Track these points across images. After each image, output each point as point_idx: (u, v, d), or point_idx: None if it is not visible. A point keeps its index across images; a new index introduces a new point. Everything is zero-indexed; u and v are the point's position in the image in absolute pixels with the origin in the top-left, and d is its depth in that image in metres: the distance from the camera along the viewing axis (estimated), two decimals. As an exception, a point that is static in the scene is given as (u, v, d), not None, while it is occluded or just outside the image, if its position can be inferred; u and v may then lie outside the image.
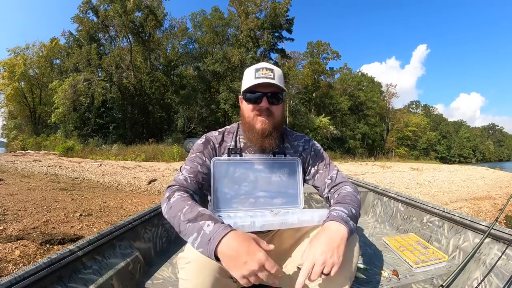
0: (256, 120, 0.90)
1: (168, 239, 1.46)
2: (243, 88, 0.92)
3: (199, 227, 0.65)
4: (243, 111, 0.94)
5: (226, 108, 19.91)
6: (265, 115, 0.89)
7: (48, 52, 21.83)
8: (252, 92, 0.89)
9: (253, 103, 0.89)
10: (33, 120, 21.91)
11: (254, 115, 0.90)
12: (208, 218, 0.66)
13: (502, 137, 73.67)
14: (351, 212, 0.78)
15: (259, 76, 0.88)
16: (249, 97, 0.90)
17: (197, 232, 0.65)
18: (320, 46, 29.94)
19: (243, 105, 0.94)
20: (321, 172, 1.00)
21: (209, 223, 0.65)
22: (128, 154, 12.82)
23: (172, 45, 23.42)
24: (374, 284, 1.11)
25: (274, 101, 0.89)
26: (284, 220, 0.76)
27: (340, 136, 25.43)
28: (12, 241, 2.35)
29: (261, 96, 0.88)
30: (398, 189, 6.72)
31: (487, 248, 1.13)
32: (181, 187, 0.82)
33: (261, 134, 0.89)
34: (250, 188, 0.93)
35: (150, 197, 5.11)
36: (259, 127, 0.89)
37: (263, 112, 0.89)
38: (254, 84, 0.87)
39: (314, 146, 1.04)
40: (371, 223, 1.93)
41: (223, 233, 0.61)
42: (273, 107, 0.90)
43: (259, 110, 0.89)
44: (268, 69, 0.89)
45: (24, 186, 5.02)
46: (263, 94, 0.88)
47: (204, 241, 0.63)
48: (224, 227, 0.63)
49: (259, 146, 0.93)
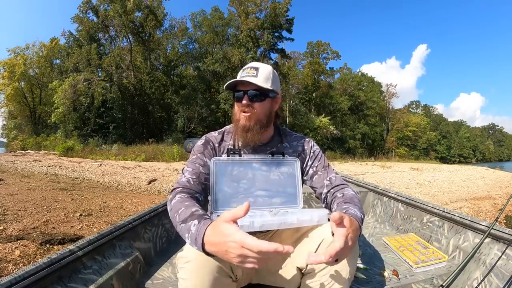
0: (239, 116, 0.94)
1: (168, 239, 1.46)
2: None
3: (188, 228, 0.67)
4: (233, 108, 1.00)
5: (226, 108, 19.90)
6: (247, 111, 0.92)
7: (48, 52, 21.83)
8: (236, 91, 0.94)
9: (237, 100, 0.95)
10: (33, 120, 21.92)
11: (239, 112, 0.95)
12: (196, 218, 0.68)
13: (502, 137, 73.67)
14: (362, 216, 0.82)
15: (243, 75, 0.92)
16: (235, 95, 0.95)
17: (187, 232, 0.67)
18: (320, 46, 29.95)
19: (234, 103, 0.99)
20: (319, 174, 1.00)
21: (195, 222, 0.67)
22: (128, 154, 12.82)
23: (172, 45, 23.43)
24: (374, 284, 1.11)
25: (255, 99, 0.92)
26: (283, 220, 0.76)
27: (340, 136, 25.45)
28: (12, 241, 2.35)
29: (242, 94, 0.92)
30: (398, 189, 6.72)
31: (487, 248, 1.13)
32: (184, 189, 0.84)
33: (242, 129, 0.93)
34: (248, 185, 0.94)
35: (150, 197, 5.11)
36: (241, 123, 0.94)
37: (245, 108, 0.92)
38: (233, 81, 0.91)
39: (313, 148, 1.06)
40: (371, 223, 1.93)
41: (203, 231, 0.63)
42: (255, 104, 0.92)
43: (242, 107, 0.93)
44: (253, 68, 0.92)
45: (24, 186, 5.02)
46: (244, 92, 0.92)
47: (193, 241, 0.65)
48: (203, 224, 0.64)
49: (243, 140, 0.97)
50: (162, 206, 1.48)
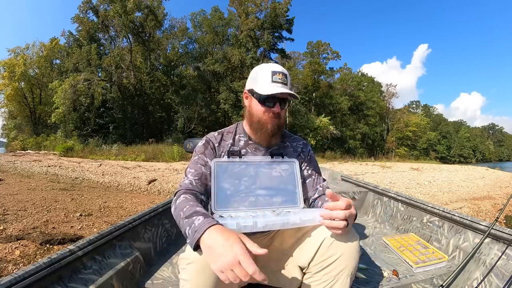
0: (267, 121, 0.94)
1: (168, 239, 1.46)
2: (257, 89, 0.92)
3: (191, 222, 0.68)
4: (251, 108, 0.97)
5: (226, 108, 19.88)
6: (275, 117, 0.94)
7: (48, 52, 21.80)
8: (267, 96, 0.91)
9: (267, 106, 0.93)
10: (33, 120, 21.91)
11: (266, 117, 0.94)
12: (201, 214, 0.69)
13: (502, 137, 73.66)
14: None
15: (276, 80, 0.90)
16: (263, 99, 0.92)
17: (189, 226, 0.68)
18: (320, 46, 29.93)
19: (253, 103, 0.96)
20: (313, 178, 1.04)
21: (200, 217, 0.68)
22: (128, 154, 12.83)
23: (172, 45, 23.41)
24: (374, 284, 1.11)
25: (284, 106, 0.95)
26: (286, 220, 0.76)
27: (340, 136, 25.42)
28: (12, 241, 2.35)
29: (275, 102, 0.92)
30: (398, 189, 6.72)
31: (487, 248, 1.13)
32: (187, 191, 0.85)
33: (270, 134, 0.96)
34: (250, 183, 0.94)
35: (150, 197, 5.11)
36: (270, 128, 0.95)
37: (275, 115, 0.94)
38: (273, 93, 0.88)
39: (310, 152, 1.10)
40: (371, 223, 1.93)
41: (208, 225, 0.63)
42: (282, 110, 0.95)
43: (273, 113, 0.93)
44: (284, 74, 0.92)
45: (24, 186, 5.02)
46: (278, 99, 0.92)
47: (192, 232, 0.65)
48: (211, 220, 0.65)
49: (266, 144, 1.01)
50: (162, 206, 1.47)
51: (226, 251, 0.57)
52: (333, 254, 0.76)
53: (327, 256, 0.76)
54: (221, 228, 0.63)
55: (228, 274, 0.56)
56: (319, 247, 0.78)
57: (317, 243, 0.79)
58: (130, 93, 19.93)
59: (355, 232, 0.80)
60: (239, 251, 0.56)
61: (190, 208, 0.73)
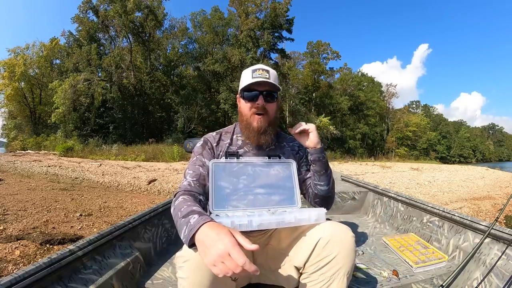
0: (253, 118, 0.96)
1: (168, 239, 1.46)
2: (240, 87, 0.98)
3: (187, 221, 0.70)
4: (241, 109, 1.01)
5: (226, 108, 19.90)
6: (261, 113, 0.95)
7: (48, 52, 21.82)
8: (249, 91, 0.95)
9: (250, 101, 0.96)
10: (33, 120, 21.92)
11: (251, 113, 0.96)
12: (197, 213, 0.71)
13: (502, 137, 73.69)
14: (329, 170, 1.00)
15: (256, 76, 0.93)
16: (246, 96, 0.96)
17: (185, 225, 0.70)
18: (320, 46, 29.98)
19: (241, 103, 1.00)
20: (309, 176, 1.05)
21: (196, 216, 0.69)
22: (128, 154, 12.83)
23: (172, 45, 23.44)
24: (374, 284, 1.11)
25: (269, 99, 0.96)
26: (281, 219, 0.77)
27: (340, 136, 25.43)
28: (12, 241, 2.35)
29: (257, 95, 0.94)
30: (398, 189, 6.72)
31: (487, 248, 1.13)
32: (186, 192, 0.87)
33: (257, 131, 0.96)
34: (248, 181, 0.95)
35: (150, 197, 5.11)
36: (255, 125, 0.95)
37: (259, 110, 0.95)
38: (251, 83, 0.93)
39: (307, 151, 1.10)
40: (371, 223, 1.93)
41: (202, 222, 0.65)
42: (268, 105, 0.96)
43: (256, 108, 0.95)
44: (264, 69, 0.95)
45: (24, 186, 5.02)
46: (259, 92, 0.94)
47: (188, 231, 0.67)
48: (205, 218, 0.67)
49: (256, 143, 0.99)
50: (162, 206, 1.47)
51: (216, 243, 0.58)
52: (328, 254, 0.76)
53: (323, 256, 0.76)
54: (214, 224, 0.64)
55: (220, 266, 0.57)
56: (314, 247, 0.78)
57: (313, 243, 0.79)
58: (130, 93, 19.93)
59: (350, 231, 0.79)
60: (228, 243, 0.57)
61: (187, 208, 0.75)
